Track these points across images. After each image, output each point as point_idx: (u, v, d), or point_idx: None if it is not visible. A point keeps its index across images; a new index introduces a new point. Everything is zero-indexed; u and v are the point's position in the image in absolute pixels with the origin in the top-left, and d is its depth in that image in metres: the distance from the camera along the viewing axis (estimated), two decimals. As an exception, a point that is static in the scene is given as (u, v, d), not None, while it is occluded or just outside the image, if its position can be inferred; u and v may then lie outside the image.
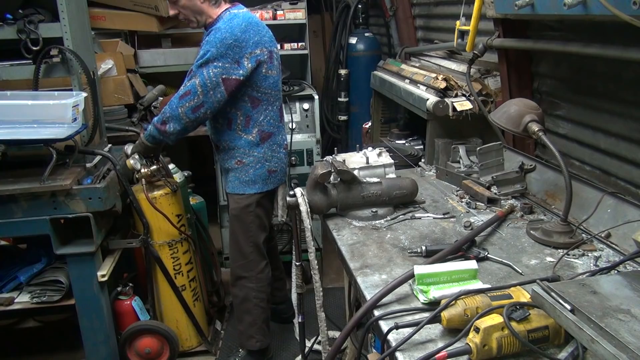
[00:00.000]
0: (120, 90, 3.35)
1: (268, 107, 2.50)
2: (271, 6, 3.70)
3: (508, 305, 1.12)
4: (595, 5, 1.42)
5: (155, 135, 2.43)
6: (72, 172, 2.31)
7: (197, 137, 3.32)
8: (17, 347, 3.06)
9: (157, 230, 2.65)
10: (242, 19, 2.37)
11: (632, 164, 1.78)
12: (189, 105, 2.33)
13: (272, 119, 2.53)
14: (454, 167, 2.30)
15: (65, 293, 2.43)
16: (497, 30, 2.20)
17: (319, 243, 3.53)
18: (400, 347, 1.17)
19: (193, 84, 2.31)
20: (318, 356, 2.69)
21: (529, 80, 2.27)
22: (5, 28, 2.25)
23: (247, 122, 2.47)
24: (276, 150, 2.57)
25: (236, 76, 2.32)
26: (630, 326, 0.97)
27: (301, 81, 3.86)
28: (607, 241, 1.57)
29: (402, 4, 3.63)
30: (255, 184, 2.55)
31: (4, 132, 2.13)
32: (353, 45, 4.06)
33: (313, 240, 1.89)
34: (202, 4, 2.40)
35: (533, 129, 1.70)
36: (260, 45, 2.38)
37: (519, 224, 1.78)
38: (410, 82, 2.74)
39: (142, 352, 2.64)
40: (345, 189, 1.88)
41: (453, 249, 1.53)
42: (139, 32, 3.68)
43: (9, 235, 2.64)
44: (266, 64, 2.41)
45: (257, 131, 2.49)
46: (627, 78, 1.73)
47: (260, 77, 2.41)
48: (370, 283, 1.45)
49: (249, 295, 2.63)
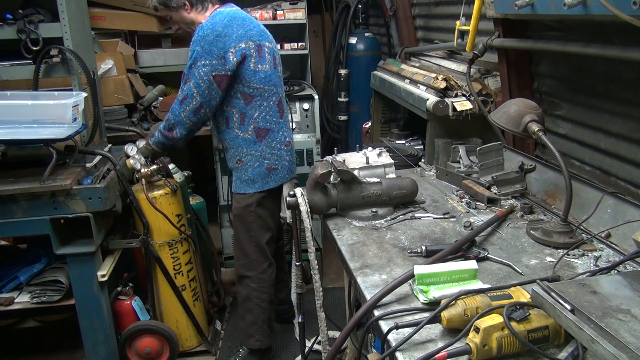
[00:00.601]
0: (120, 90, 3.35)
1: (263, 103, 2.48)
2: (271, 6, 3.70)
3: (508, 305, 1.12)
4: (595, 5, 1.42)
5: (164, 141, 2.50)
6: (72, 172, 2.31)
7: (197, 137, 3.30)
8: (17, 347, 3.06)
9: (157, 230, 2.65)
10: (225, 15, 2.39)
11: (632, 164, 1.78)
12: (190, 108, 2.37)
13: (269, 115, 2.51)
14: (454, 167, 2.30)
15: (65, 293, 2.43)
16: (497, 30, 2.20)
17: (319, 243, 3.53)
18: (400, 347, 1.17)
19: (189, 87, 2.35)
20: (318, 356, 2.69)
21: (529, 80, 2.26)
22: (5, 28, 2.25)
23: (242, 119, 2.47)
24: (276, 148, 2.55)
25: (224, 72, 2.34)
26: (630, 326, 0.97)
27: (301, 81, 3.86)
28: (607, 241, 1.57)
29: (402, 4, 3.63)
30: (254, 183, 2.54)
31: (4, 132, 2.14)
32: (353, 45, 4.07)
33: (313, 240, 1.89)
34: (189, 14, 2.49)
35: (533, 129, 1.70)
36: (246, 38, 2.37)
37: (519, 224, 1.78)
38: (410, 82, 2.74)
39: (142, 352, 2.64)
40: (345, 189, 1.88)
41: (453, 249, 1.53)
42: (139, 32, 3.69)
43: (9, 235, 2.64)
44: (254, 57, 2.40)
45: (253, 128, 2.48)
46: (627, 78, 1.73)
47: (248, 71, 2.40)
48: (370, 283, 1.45)
49: (251, 294, 2.64)
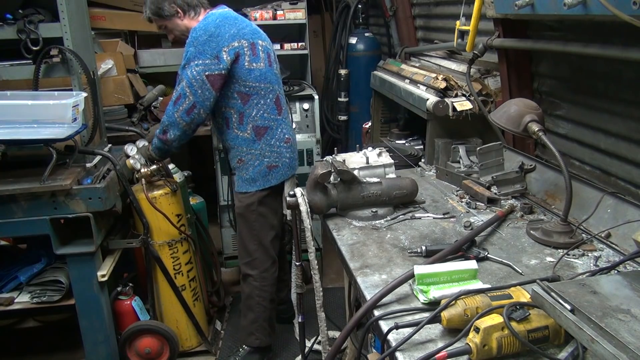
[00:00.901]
0: (120, 90, 3.35)
1: (260, 101, 2.48)
2: (271, 6, 3.70)
3: (508, 305, 1.12)
4: (595, 5, 1.42)
5: (160, 146, 2.49)
6: (72, 172, 2.31)
7: (197, 137, 3.31)
8: (17, 347, 3.06)
9: (157, 230, 2.65)
10: (217, 15, 2.41)
11: (632, 164, 1.78)
12: (182, 108, 2.36)
13: (267, 112, 2.51)
14: (454, 167, 2.30)
15: (65, 293, 2.43)
16: (497, 30, 2.20)
17: (319, 243, 3.53)
18: (400, 347, 1.16)
19: (182, 87, 2.35)
20: (318, 356, 2.69)
21: (529, 80, 2.26)
22: (5, 28, 2.25)
23: (241, 119, 2.48)
24: (275, 145, 2.55)
25: (218, 71, 2.34)
26: (630, 326, 0.97)
27: (301, 81, 3.86)
28: (607, 241, 1.57)
29: (402, 4, 3.63)
30: (255, 181, 2.55)
31: (4, 132, 2.13)
32: (353, 45, 4.06)
33: (313, 240, 1.89)
34: (183, 21, 2.51)
35: (533, 129, 1.70)
36: (238, 37, 2.38)
37: (519, 224, 1.78)
38: (410, 82, 2.74)
39: (142, 352, 2.64)
40: (345, 189, 1.88)
41: (453, 249, 1.53)
42: (139, 32, 3.69)
43: (9, 235, 2.64)
44: (247, 56, 2.41)
45: (252, 127, 2.49)
46: (627, 78, 1.73)
47: (243, 70, 2.41)
48: (370, 283, 1.45)
49: (253, 292, 2.65)
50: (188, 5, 2.49)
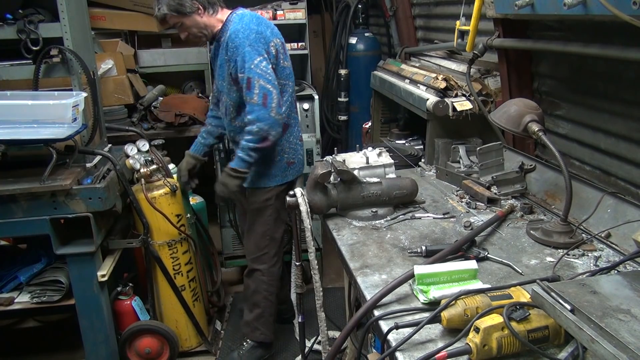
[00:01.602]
0: (120, 90, 3.35)
1: (288, 99, 2.53)
2: (271, 6, 3.69)
3: (508, 305, 1.13)
4: (595, 5, 1.42)
5: (257, 156, 2.40)
6: (72, 172, 2.31)
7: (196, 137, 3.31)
8: (17, 347, 3.05)
9: (157, 230, 2.65)
10: (250, 16, 2.44)
11: (632, 164, 1.78)
12: (274, 104, 2.33)
13: (290, 110, 2.57)
14: (454, 167, 2.30)
15: (65, 293, 2.43)
16: (497, 30, 2.20)
17: (319, 243, 3.53)
18: (400, 347, 1.17)
19: (260, 86, 2.30)
20: (318, 356, 2.69)
21: (529, 80, 2.27)
22: (5, 28, 2.25)
23: None
24: (293, 142, 2.61)
25: (273, 65, 2.39)
26: (630, 326, 0.97)
27: (301, 81, 3.85)
28: (607, 241, 1.57)
29: (402, 4, 3.63)
30: (275, 177, 2.58)
31: (4, 132, 2.13)
32: (353, 45, 4.06)
33: (313, 240, 1.89)
34: (202, 18, 2.47)
35: (533, 129, 1.70)
36: (274, 36, 2.45)
37: (519, 224, 1.78)
38: (410, 82, 2.74)
39: (142, 352, 2.64)
40: (345, 189, 1.88)
41: (453, 249, 1.53)
42: (139, 32, 3.69)
43: (9, 235, 2.64)
44: (282, 54, 2.48)
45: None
46: (627, 78, 1.73)
47: (279, 67, 2.47)
48: (370, 283, 1.45)
49: (260, 287, 2.67)
50: (208, 3, 2.47)
